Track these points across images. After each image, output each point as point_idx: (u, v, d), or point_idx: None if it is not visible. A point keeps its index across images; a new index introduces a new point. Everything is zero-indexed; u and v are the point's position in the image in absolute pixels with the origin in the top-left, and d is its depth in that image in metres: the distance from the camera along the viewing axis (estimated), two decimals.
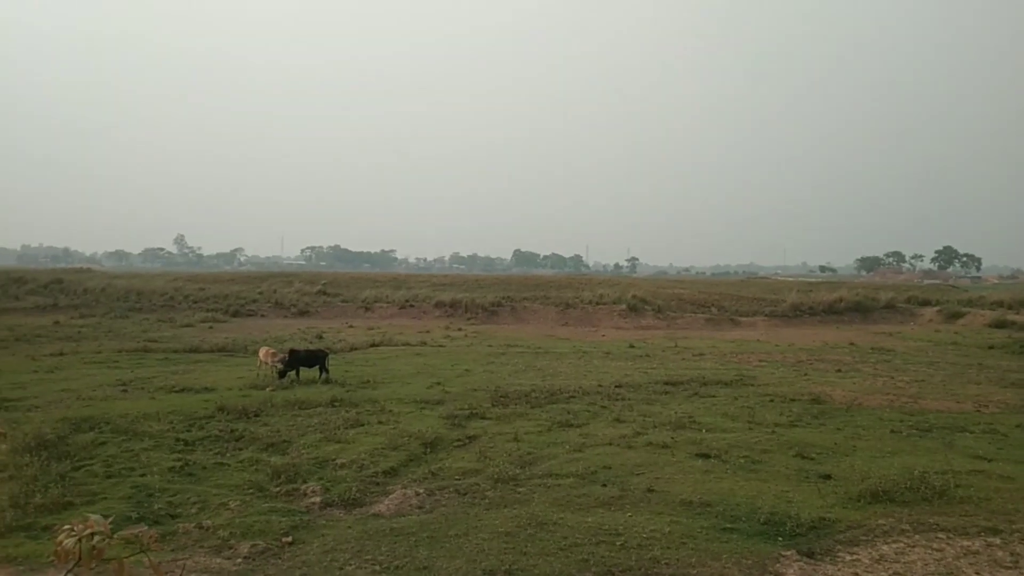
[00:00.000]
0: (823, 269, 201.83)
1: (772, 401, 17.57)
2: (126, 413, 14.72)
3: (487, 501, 10.00)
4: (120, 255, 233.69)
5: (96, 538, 1.36)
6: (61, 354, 25.30)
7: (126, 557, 1.40)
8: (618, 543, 8.43)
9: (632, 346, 30.55)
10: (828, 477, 11.24)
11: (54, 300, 49.92)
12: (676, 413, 15.67)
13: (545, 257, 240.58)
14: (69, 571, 1.37)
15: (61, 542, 1.37)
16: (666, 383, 19.68)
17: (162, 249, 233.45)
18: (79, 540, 1.36)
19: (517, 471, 11.25)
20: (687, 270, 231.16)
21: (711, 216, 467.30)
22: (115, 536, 1.39)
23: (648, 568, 7.80)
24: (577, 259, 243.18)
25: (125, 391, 17.93)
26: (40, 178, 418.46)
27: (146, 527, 1.46)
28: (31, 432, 12.46)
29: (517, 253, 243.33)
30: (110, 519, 1.50)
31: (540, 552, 8.14)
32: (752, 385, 20.05)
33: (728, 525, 9.14)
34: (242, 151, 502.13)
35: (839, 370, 24.06)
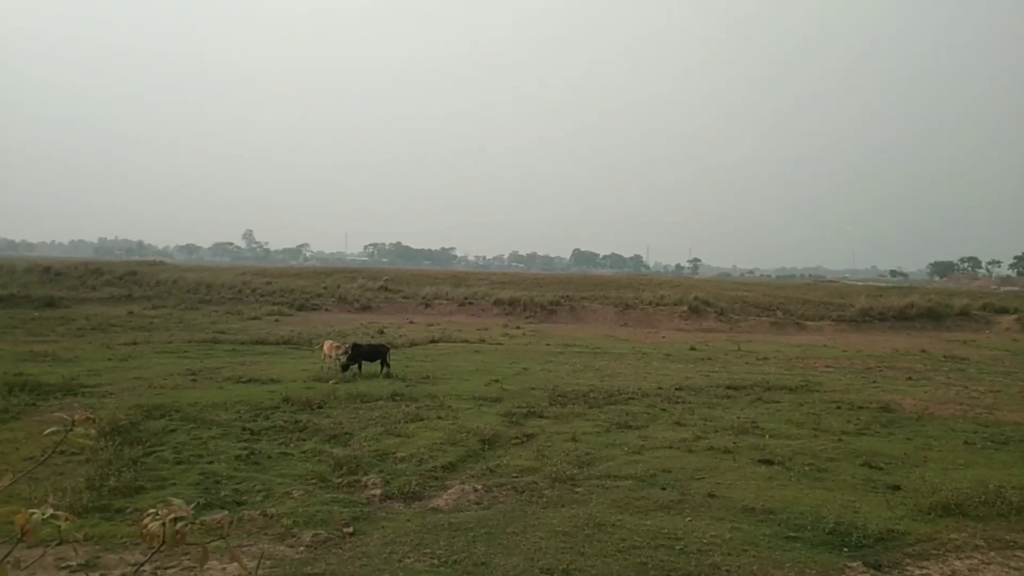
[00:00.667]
0: (894, 274, 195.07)
1: (839, 408, 17.09)
2: (195, 402, 15.20)
3: (544, 500, 9.99)
4: (191, 249, 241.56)
5: (180, 523, 1.40)
6: (134, 343, 26.27)
7: (207, 542, 1.44)
8: (677, 547, 8.33)
9: (693, 348, 30.14)
10: (897, 488, 10.88)
11: (128, 291, 51.97)
12: (738, 418, 15.39)
13: (605, 257, 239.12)
14: (154, 553, 1.42)
15: (147, 525, 1.41)
16: (728, 387, 19.33)
17: (231, 244, 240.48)
18: (164, 524, 1.40)
19: (575, 471, 11.21)
20: (751, 272, 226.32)
21: (777, 218, 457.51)
22: (197, 521, 1.43)
23: (708, 574, 7.68)
24: (637, 259, 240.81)
25: (194, 380, 18.51)
26: (116, 176, 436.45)
27: (226, 513, 1.50)
28: (106, 418, 13.00)
29: (576, 252, 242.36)
30: (192, 505, 1.55)
31: (598, 553, 8.09)
32: (818, 391, 19.54)
33: (792, 533, 8.93)
34: (308, 153, 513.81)
35: (910, 378, 23.25)
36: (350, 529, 8.65)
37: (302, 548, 8.18)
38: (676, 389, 18.74)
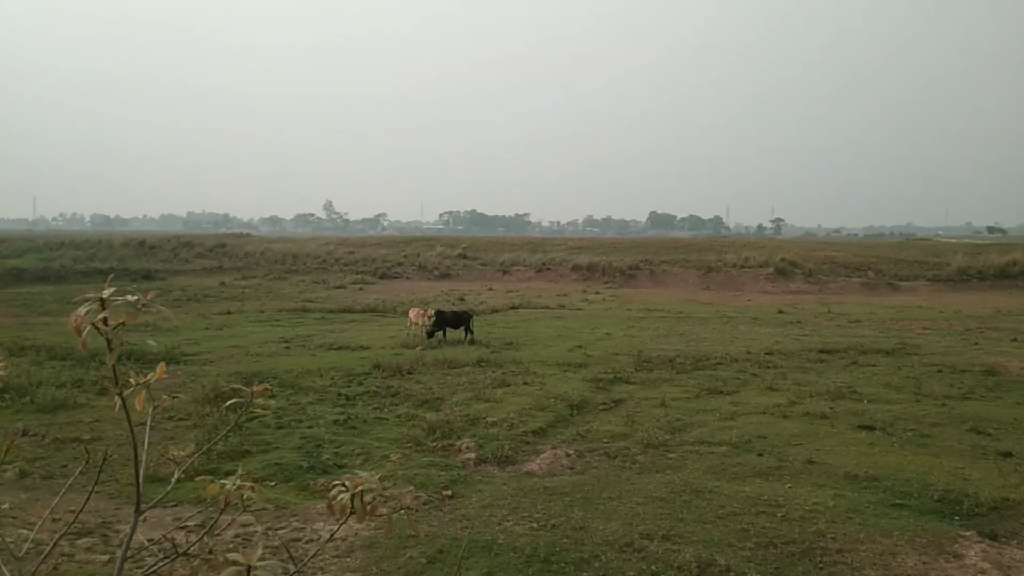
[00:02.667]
0: (991, 230, 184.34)
1: (940, 372, 16.39)
2: (291, 369, 15.74)
3: (638, 466, 9.97)
4: (274, 220, 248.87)
5: (368, 495, 1.42)
6: (228, 313, 27.32)
7: (390, 514, 1.46)
8: (779, 514, 8.18)
9: (781, 311, 29.35)
10: (1008, 455, 10.41)
11: (219, 263, 54.04)
12: (834, 382, 14.95)
13: (683, 219, 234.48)
14: (342, 523, 1.45)
15: (335, 497, 1.44)
16: (821, 351, 18.76)
17: (312, 215, 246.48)
18: (353, 497, 1.42)
19: (667, 437, 11.13)
20: (837, 231, 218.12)
21: (863, 174, 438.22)
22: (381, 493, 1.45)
23: (812, 542, 7.53)
24: (717, 220, 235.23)
25: (288, 348, 19.15)
26: (202, 152, 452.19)
27: (411, 488, 1.52)
28: (209, 384, 13.61)
29: (653, 215, 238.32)
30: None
31: (697, 519, 8.03)
32: (916, 354, 18.76)
33: (898, 501, 8.65)
34: (384, 123, 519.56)
35: (1015, 339, 22.06)
36: (449, 492, 8.83)
37: (402, 511, 8.40)
38: (766, 353, 18.31)
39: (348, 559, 6.94)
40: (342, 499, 1.48)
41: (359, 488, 1.49)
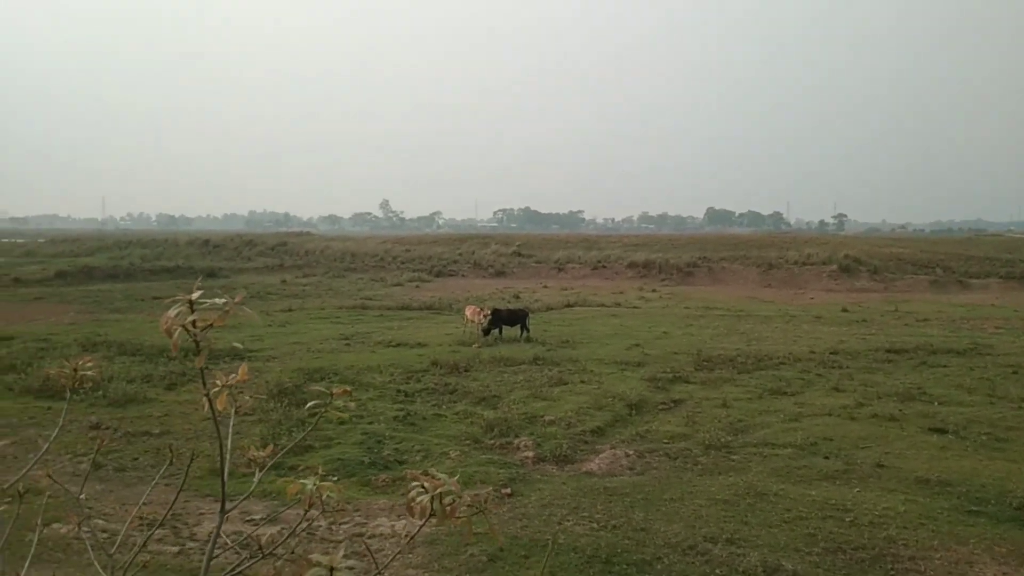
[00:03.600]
0: None
1: (1015, 373, 15.72)
2: (351, 365, 15.98)
3: (700, 467, 9.81)
4: (332, 219, 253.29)
5: (448, 497, 1.40)
6: (290, 310, 27.87)
7: (468, 516, 1.44)
8: (847, 519, 7.95)
9: (846, 310, 28.55)
10: None
11: (280, 261, 55.30)
12: (903, 383, 14.48)
13: (741, 215, 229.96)
14: (422, 525, 1.43)
15: (414, 498, 1.42)
16: (888, 351, 18.18)
17: (369, 214, 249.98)
18: (432, 498, 1.40)
19: (729, 438, 10.93)
20: (903, 227, 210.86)
21: (931, 167, 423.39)
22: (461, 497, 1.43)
23: (883, 548, 7.29)
24: (777, 216, 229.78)
25: (348, 345, 19.44)
26: (263, 152, 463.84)
27: (490, 489, 1.49)
28: (272, 381, 13.92)
29: (710, 211, 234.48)
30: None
31: (762, 523, 7.85)
32: (989, 355, 18.03)
33: (973, 508, 8.32)
34: (440, 123, 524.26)
35: None
36: (508, 490, 8.82)
37: (463, 508, 8.43)
38: (831, 353, 17.83)
39: (410, 555, 6.98)
40: (422, 501, 1.46)
41: (438, 490, 1.47)
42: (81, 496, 1.85)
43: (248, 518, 8.13)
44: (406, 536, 1.35)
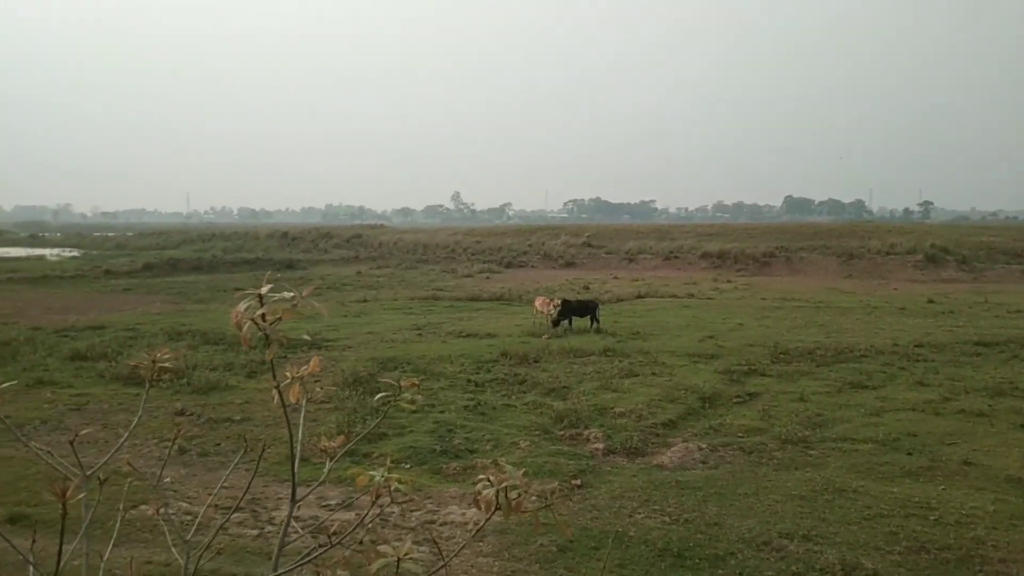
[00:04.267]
0: None
1: None
2: (423, 355, 16.20)
3: (775, 462, 9.58)
4: (405, 212, 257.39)
5: (513, 492, 1.39)
6: (365, 301, 28.43)
7: (535, 510, 1.42)
8: (931, 518, 7.64)
9: (932, 301, 27.32)
10: None
11: (355, 253, 56.52)
12: (992, 377, 13.79)
13: (821, 203, 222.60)
14: (488, 517, 1.43)
15: (480, 492, 1.42)
16: (977, 343, 17.31)
17: (441, 206, 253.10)
18: (498, 492, 1.40)
19: (806, 433, 10.62)
20: (993, 214, 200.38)
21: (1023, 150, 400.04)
22: (529, 490, 1.42)
23: (970, 549, 6.97)
24: (859, 204, 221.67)
25: (420, 335, 19.71)
26: (339, 147, 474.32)
27: (556, 484, 1.48)
28: (348, 369, 14.24)
29: (788, 199, 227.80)
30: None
31: (841, 520, 7.62)
32: None
33: None
34: (510, 114, 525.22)
35: None
36: (578, 481, 8.80)
37: (534, 499, 8.45)
38: (915, 346, 17.09)
39: (481, 543, 7.05)
40: (488, 494, 1.46)
41: (504, 484, 1.47)
42: (166, 479, 1.92)
43: (324, 503, 8.35)
44: (475, 525, 1.36)
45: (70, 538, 1.60)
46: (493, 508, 1.47)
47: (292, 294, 1.43)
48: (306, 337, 14.35)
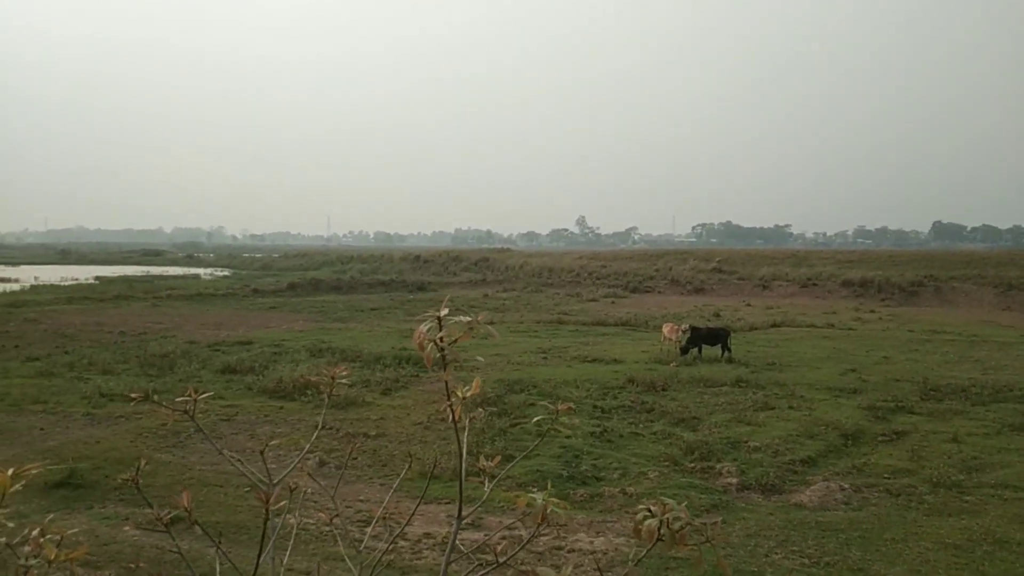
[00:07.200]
0: None
1: None
2: (548, 378, 16.24)
3: (926, 506, 8.92)
4: (531, 236, 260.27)
5: (677, 523, 1.38)
6: (491, 323, 28.77)
7: (694, 545, 1.40)
8: None
9: None
10: None
11: (483, 276, 57.62)
12: None
13: (974, 229, 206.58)
14: (649, 548, 1.41)
15: (642, 521, 1.41)
16: None
17: (566, 230, 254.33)
18: (661, 523, 1.39)
19: (961, 477, 9.84)
20: None
21: None
22: (688, 525, 1.40)
23: None
24: (1017, 231, 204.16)
25: (545, 358, 19.79)
26: (468, 173, 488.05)
27: (719, 520, 1.45)
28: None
29: (937, 225, 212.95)
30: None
31: (1002, 574, 6.97)
32: None
33: None
34: (636, 137, 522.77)
35: None
36: (720, 518, 8.46)
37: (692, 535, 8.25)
38: None
39: (608, 573, 6.95)
40: (650, 525, 1.45)
41: (667, 515, 1.45)
42: (308, 490, 2.05)
43: (451, 518, 8.51)
44: (603, 553, 1.33)
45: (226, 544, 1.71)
46: (655, 539, 1.46)
47: (469, 318, 1.49)
48: (480, 359, 14.75)
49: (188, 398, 1.82)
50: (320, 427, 2.85)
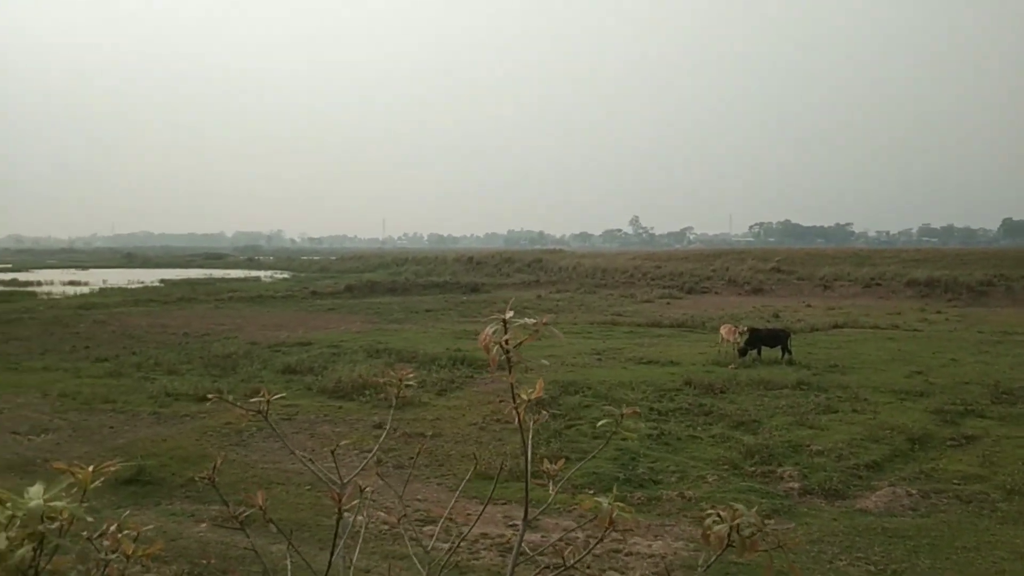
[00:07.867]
0: None
1: None
2: (603, 380, 16.13)
3: (1000, 514, 8.58)
4: (584, 236, 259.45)
5: (747, 529, 1.35)
6: (545, 324, 28.77)
7: (769, 551, 1.37)
8: None
9: None
10: None
11: (536, 277, 57.62)
12: None
13: None
14: (718, 555, 1.39)
15: (710, 527, 1.39)
16: None
17: (619, 230, 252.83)
18: (731, 529, 1.36)
19: None
20: None
21: None
22: (760, 532, 1.37)
23: None
24: None
25: (599, 360, 19.67)
26: (521, 175, 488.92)
27: (793, 526, 1.42)
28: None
29: (1007, 222, 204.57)
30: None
31: None
32: None
33: None
34: (691, 135, 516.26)
35: None
36: (792, 524, 8.28)
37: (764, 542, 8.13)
38: None
39: None
40: (720, 530, 1.42)
41: (737, 520, 1.42)
42: (367, 488, 2.08)
43: (511, 523, 8.53)
44: (662, 557, 1.31)
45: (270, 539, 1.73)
46: (724, 545, 1.43)
47: (534, 320, 1.50)
48: (544, 362, 14.78)
49: (262, 399, 1.86)
50: (388, 428, 2.88)
